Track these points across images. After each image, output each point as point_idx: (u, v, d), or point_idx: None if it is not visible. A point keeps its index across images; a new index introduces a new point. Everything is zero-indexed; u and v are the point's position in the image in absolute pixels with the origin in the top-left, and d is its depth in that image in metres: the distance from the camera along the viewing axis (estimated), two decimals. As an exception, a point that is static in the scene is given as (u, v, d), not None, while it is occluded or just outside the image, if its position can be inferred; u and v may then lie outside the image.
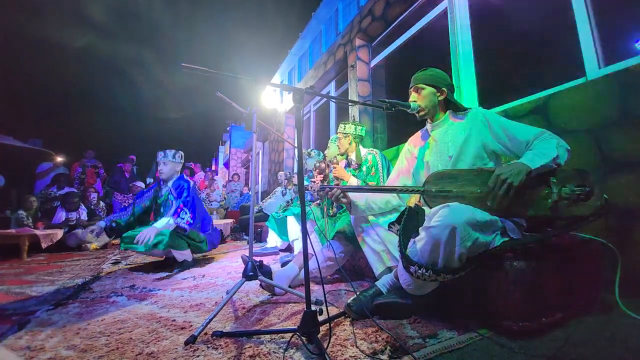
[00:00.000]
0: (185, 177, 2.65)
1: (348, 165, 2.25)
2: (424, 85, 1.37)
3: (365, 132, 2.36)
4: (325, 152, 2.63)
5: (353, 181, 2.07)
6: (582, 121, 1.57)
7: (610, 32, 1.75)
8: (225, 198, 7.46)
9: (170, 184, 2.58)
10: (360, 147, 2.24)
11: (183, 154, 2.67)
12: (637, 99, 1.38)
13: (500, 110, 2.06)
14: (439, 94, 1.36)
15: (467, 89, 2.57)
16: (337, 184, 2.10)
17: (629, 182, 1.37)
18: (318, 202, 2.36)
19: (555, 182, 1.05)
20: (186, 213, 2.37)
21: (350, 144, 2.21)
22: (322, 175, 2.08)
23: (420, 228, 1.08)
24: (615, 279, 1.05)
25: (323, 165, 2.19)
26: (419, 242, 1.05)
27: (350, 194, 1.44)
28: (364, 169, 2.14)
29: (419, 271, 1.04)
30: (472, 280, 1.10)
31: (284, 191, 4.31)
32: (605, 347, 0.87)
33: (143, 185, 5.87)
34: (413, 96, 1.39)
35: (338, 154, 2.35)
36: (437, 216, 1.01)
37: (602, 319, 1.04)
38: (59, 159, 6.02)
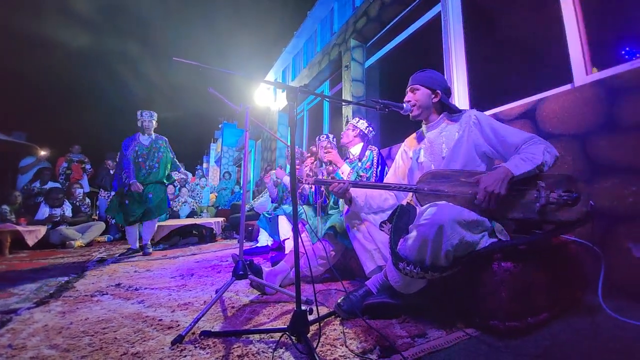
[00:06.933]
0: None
1: (346, 159, 2.25)
2: (420, 86, 1.38)
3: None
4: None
5: (346, 168, 2.06)
6: (569, 126, 1.60)
7: (598, 39, 1.79)
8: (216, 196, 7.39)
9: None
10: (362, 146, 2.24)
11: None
12: (623, 105, 1.42)
13: (491, 114, 2.09)
14: (433, 96, 1.37)
15: (459, 92, 2.60)
16: (330, 169, 2.11)
17: (613, 187, 1.41)
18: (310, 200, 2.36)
19: (544, 187, 1.06)
20: None
21: (355, 137, 2.20)
22: (312, 158, 2.07)
23: (410, 226, 1.09)
24: (599, 281, 1.08)
25: (314, 148, 2.19)
26: (409, 240, 1.06)
27: (351, 190, 1.44)
28: (359, 164, 2.14)
29: (407, 268, 1.05)
30: (460, 280, 1.11)
31: (277, 181, 4.22)
32: (588, 348, 0.90)
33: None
34: (408, 96, 1.40)
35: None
36: (425, 214, 1.03)
37: (586, 320, 1.07)
38: (43, 152, 5.80)
